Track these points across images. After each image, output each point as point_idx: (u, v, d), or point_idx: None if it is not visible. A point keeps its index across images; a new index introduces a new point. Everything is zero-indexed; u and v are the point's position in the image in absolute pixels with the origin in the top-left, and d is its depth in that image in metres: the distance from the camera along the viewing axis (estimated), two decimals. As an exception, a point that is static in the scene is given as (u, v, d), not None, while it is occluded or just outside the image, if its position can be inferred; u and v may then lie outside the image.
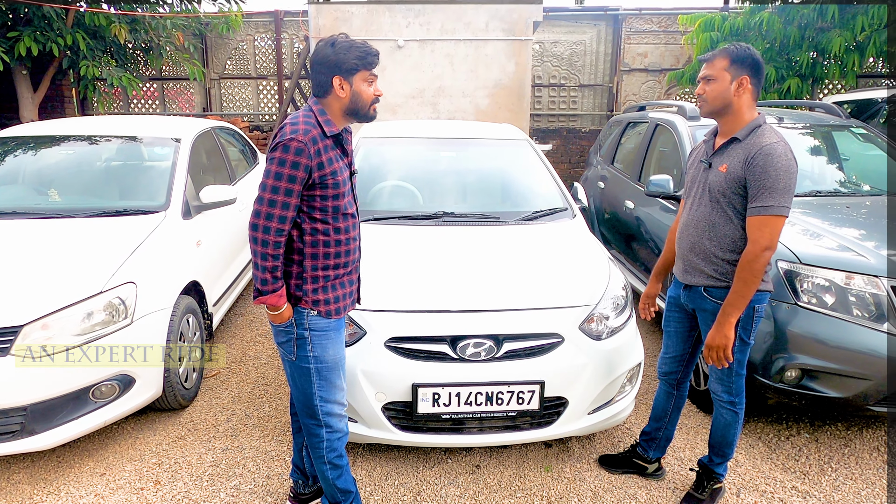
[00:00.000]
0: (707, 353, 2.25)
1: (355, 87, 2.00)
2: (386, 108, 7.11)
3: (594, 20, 9.34)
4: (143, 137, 4.20)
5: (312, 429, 2.18)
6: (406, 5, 6.84)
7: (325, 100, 2.02)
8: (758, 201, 2.09)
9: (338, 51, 1.97)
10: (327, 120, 2.00)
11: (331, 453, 2.20)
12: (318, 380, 2.12)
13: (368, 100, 2.05)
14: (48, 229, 3.27)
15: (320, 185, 1.96)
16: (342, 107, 2.02)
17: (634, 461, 2.76)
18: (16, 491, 2.65)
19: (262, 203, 1.92)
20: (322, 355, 2.11)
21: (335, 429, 2.19)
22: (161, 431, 3.11)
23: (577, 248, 3.20)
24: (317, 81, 2.01)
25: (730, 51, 2.17)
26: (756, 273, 2.11)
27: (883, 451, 2.99)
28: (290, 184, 1.91)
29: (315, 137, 1.93)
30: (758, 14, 7.04)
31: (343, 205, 2.05)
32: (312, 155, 1.91)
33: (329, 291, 2.09)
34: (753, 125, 2.18)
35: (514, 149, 4.15)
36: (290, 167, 1.89)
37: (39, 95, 7.71)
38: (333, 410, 2.17)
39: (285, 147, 1.89)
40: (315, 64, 2.00)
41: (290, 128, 1.93)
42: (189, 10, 8.23)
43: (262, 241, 1.92)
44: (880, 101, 5.79)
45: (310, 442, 2.21)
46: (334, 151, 2.02)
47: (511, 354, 2.53)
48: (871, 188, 3.96)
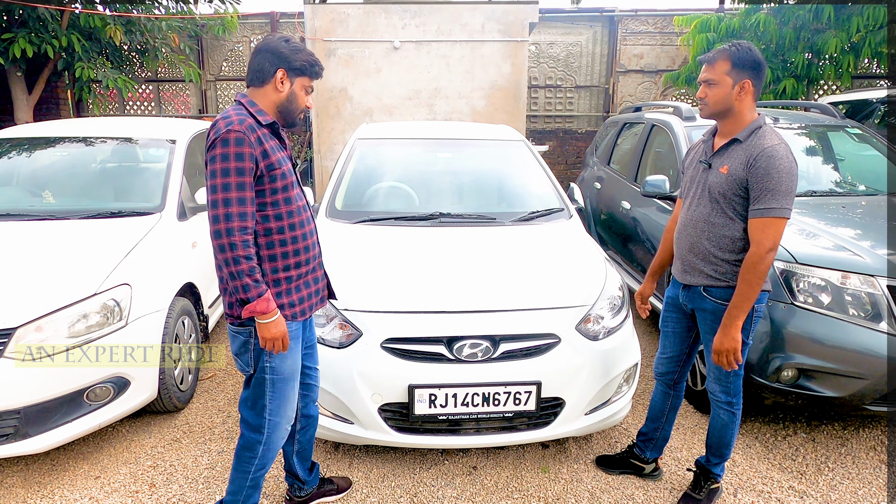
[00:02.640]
0: (716, 358, 2.22)
1: (295, 88, 1.96)
2: (382, 109, 7.10)
3: (590, 21, 9.35)
4: (138, 139, 4.18)
5: (251, 442, 2.06)
6: (402, 6, 6.83)
7: (259, 90, 1.95)
8: (760, 203, 2.08)
9: (291, 47, 1.94)
10: (259, 110, 1.93)
11: (258, 471, 2.10)
12: (272, 392, 2.02)
13: (301, 105, 2.01)
14: (43, 231, 3.26)
15: (269, 178, 1.88)
16: (276, 102, 1.96)
17: (631, 462, 2.75)
18: (9, 494, 2.63)
19: (216, 206, 1.80)
20: (279, 366, 2.01)
21: (273, 446, 2.09)
22: (156, 434, 3.09)
23: (573, 249, 3.19)
24: (257, 68, 1.93)
25: (731, 53, 2.13)
26: (760, 275, 2.09)
27: (879, 449, 2.99)
28: (240, 177, 1.81)
29: (252, 125, 1.86)
30: (753, 15, 7.06)
31: (293, 196, 1.97)
32: (254, 143, 1.83)
33: (293, 293, 2.01)
34: (754, 126, 2.17)
35: (511, 149, 4.15)
36: (234, 159, 1.80)
37: (34, 97, 7.68)
38: (281, 426, 2.08)
39: (224, 141, 1.80)
40: (262, 51, 1.93)
41: (223, 122, 1.84)
42: (185, 11, 8.20)
43: (230, 245, 1.80)
44: (875, 102, 5.81)
45: (240, 454, 2.09)
46: (273, 141, 1.94)
47: (508, 355, 2.52)
48: (866, 188, 3.97)
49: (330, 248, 3.02)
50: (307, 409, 2.35)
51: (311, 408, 2.37)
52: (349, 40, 6.91)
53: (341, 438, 2.62)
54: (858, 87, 8.34)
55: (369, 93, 7.05)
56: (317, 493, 2.53)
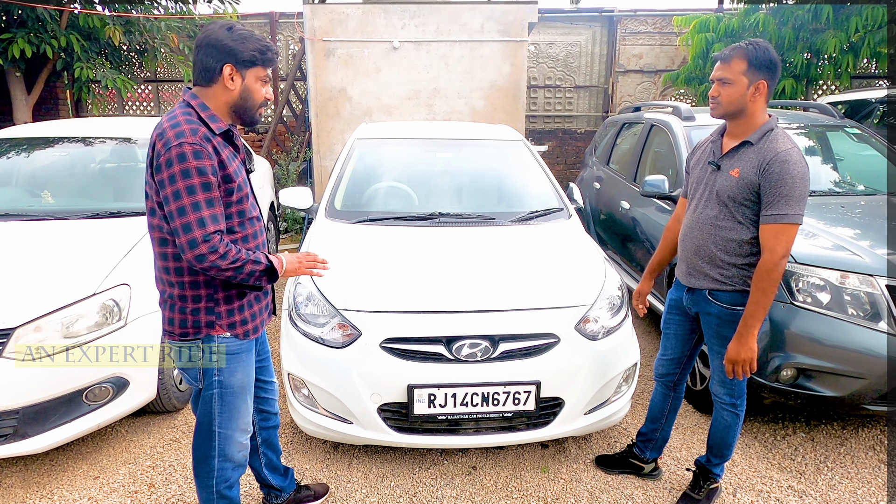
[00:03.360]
0: (730, 367, 2.17)
1: (248, 83, 1.77)
2: (381, 109, 7.10)
3: (589, 21, 9.35)
4: (137, 139, 4.18)
5: (204, 457, 1.98)
6: (401, 6, 6.83)
7: (208, 90, 1.76)
8: (774, 209, 2.04)
9: (235, 37, 1.72)
10: (212, 115, 1.75)
11: (221, 483, 2.00)
12: (220, 406, 1.92)
13: (259, 100, 1.82)
14: (42, 231, 3.25)
15: (224, 191, 1.74)
16: (229, 101, 1.78)
17: (631, 461, 2.75)
18: (8, 495, 2.63)
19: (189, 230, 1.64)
20: (228, 380, 1.91)
21: (230, 458, 1.99)
22: (155, 434, 3.09)
23: (572, 249, 3.19)
24: (202, 66, 1.73)
25: (748, 53, 2.07)
26: (774, 281, 2.05)
27: (879, 449, 2.99)
28: (207, 192, 1.67)
29: (205, 135, 1.69)
30: (752, 15, 7.07)
31: (247, 208, 1.84)
32: (211, 153, 1.68)
33: (245, 310, 1.89)
34: (766, 129, 2.12)
35: (510, 149, 4.15)
36: (197, 175, 1.64)
37: (33, 97, 7.68)
38: (234, 438, 1.98)
39: (181, 156, 1.63)
40: (205, 46, 1.71)
41: (171, 132, 1.65)
42: (184, 11, 8.20)
43: (221, 255, 1.68)
44: (874, 102, 5.82)
45: (198, 470, 2.00)
46: (228, 149, 1.78)
47: (507, 355, 2.52)
48: (865, 188, 3.97)
49: (329, 248, 3.03)
50: (267, 422, 2.30)
51: (272, 419, 2.31)
52: (348, 40, 6.91)
53: (340, 438, 2.62)
54: (857, 87, 8.35)
55: (368, 93, 7.06)
56: (294, 499, 2.49)
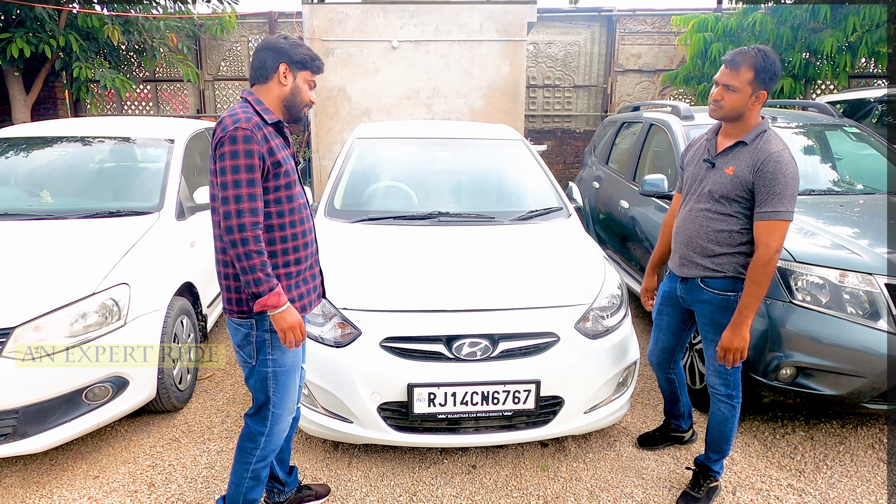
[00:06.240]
0: (722, 354, 2.28)
1: (298, 82, 2.00)
2: (381, 109, 7.10)
3: (588, 21, 9.35)
4: (136, 138, 4.18)
5: (254, 433, 2.10)
6: (400, 6, 6.83)
7: (264, 86, 1.99)
8: (768, 206, 2.16)
9: (290, 43, 1.98)
10: (265, 108, 1.97)
11: (259, 463, 2.13)
12: (275, 385, 2.06)
13: (305, 100, 2.03)
14: (41, 231, 3.25)
15: (273, 175, 1.92)
16: (281, 96, 1.99)
17: (672, 434, 2.95)
18: (8, 494, 2.62)
19: (227, 203, 1.84)
20: (281, 359, 2.04)
21: (275, 438, 2.13)
22: (155, 433, 3.09)
23: (572, 248, 3.20)
24: (259, 65, 1.97)
25: (757, 63, 2.16)
26: (769, 274, 2.18)
27: (878, 447, 3.00)
28: (250, 173, 1.84)
29: (258, 123, 1.89)
30: (751, 15, 7.07)
31: (295, 194, 2.01)
32: (261, 140, 1.86)
33: (293, 290, 2.03)
34: (759, 130, 2.25)
35: (509, 149, 4.16)
36: (244, 157, 1.83)
37: (32, 97, 7.66)
38: (283, 418, 2.12)
39: (232, 139, 1.83)
40: (263, 49, 1.97)
41: (229, 119, 1.87)
42: (183, 11, 8.19)
43: (242, 241, 1.84)
44: (872, 101, 5.83)
45: (243, 445, 2.13)
46: (278, 139, 1.98)
47: (507, 354, 2.52)
48: (864, 187, 3.98)
49: (329, 248, 3.02)
50: None
51: (295, 410, 2.34)
52: (347, 40, 6.91)
53: (340, 437, 2.62)
54: (856, 86, 8.37)
55: (368, 92, 7.05)
56: (296, 498, 2.50)
